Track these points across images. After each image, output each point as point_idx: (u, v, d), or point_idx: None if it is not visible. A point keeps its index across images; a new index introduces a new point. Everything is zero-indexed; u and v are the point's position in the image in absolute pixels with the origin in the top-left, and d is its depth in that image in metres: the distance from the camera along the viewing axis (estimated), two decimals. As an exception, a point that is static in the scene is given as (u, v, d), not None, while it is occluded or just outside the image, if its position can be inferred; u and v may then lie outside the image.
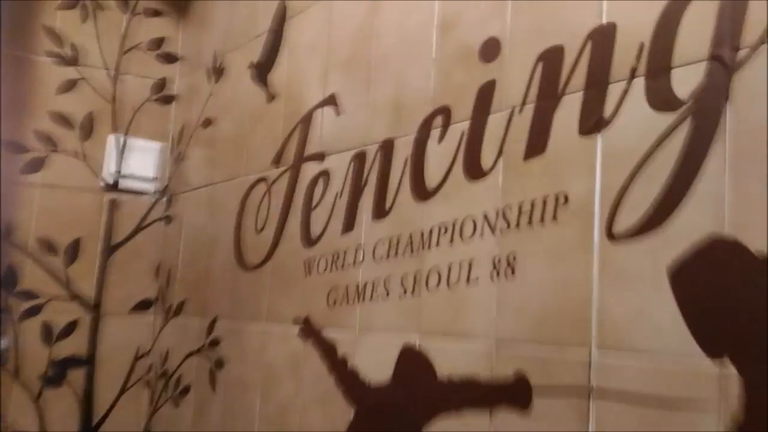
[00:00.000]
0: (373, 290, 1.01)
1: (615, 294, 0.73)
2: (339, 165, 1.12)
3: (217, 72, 1.54)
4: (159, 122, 1.74)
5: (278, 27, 1.33)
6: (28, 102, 1.60)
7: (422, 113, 0.98)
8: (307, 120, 1.21)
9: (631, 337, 0.70)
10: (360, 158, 1.08)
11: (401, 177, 1.00)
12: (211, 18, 1.63)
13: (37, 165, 1.60)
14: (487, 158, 0.88)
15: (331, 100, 1.16)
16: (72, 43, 1.65)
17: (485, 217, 0.87)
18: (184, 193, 1.62)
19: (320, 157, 1.17)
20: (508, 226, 0.84)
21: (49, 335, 1.58)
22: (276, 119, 1.30)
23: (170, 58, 1.76)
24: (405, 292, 0.96)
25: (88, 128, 1.65)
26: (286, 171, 1.24)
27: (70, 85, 1.64)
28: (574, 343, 0.75)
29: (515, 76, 0.86)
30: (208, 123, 1.55)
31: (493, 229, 0.86)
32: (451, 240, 0.91)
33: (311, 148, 1.20)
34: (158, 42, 1.75)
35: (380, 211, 1.02)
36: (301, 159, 1.21)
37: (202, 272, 1.49)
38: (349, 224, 1.08)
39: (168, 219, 1.69)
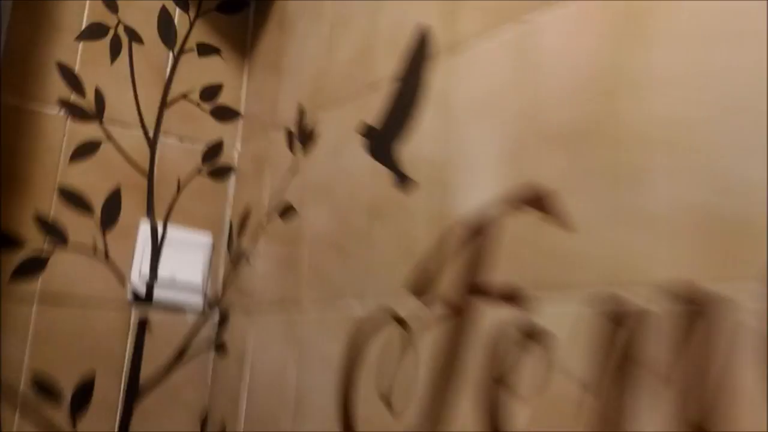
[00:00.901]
0: None
1: None
2: (565, 319, 0.61)
3: (304, 136, 1.04)
4: (211, 205, 1.24)
5: (415, 72, 0.84)
6: (27, 173, 1.12)
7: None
8: (482, 229, 0.71)
9: None
10: (619, 316, 0.57)
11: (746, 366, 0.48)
12: (292, 58, 1.14)
13: (35, 266, 1.10)
14: None
15: (536, 201, 0.65)
16: (96, 89, 1.17)
17: None
18: (249, 314, 1.11)
19: (517, 298, 0.65)
20: None
21: None
22: (413, 218, 0.80)
23: (229, 114, 1.28)
24: None
25: (112, 211, 1.16)
26: (443, 312, 0.73)
27: (90, 149, 1.16)
28: None
29: None
30: (288, 211, 1.05)
31: None
32: None
33: (493, 278, 0.68)
34: (214, 91, 1.27)
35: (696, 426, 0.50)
36: (474, 294, 0.70)
37: (276, 441, 0.97)
38: (607, 429, 0.56)
39: (220, 348, 1.17)
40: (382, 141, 0.86)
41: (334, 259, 0.93)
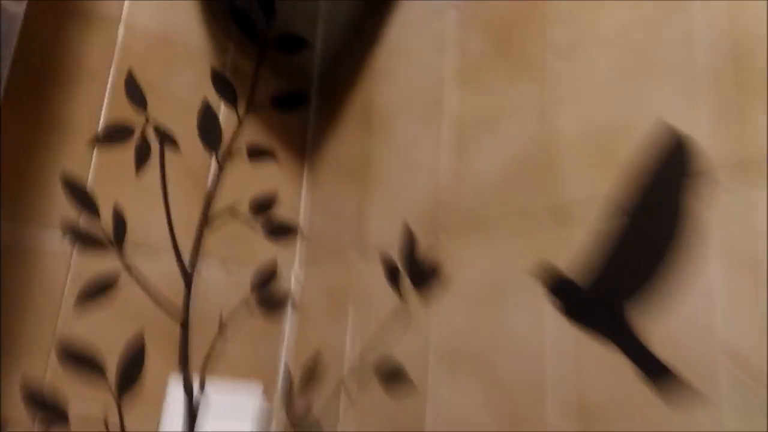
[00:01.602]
0: None
1: None
2: None
3: (421, 274, 0.74)
4: (264, 350, 0.93)
5: (666, 203, 0.55)
6: (13, 325, 0.80)
7: None
8: None
9: None
10: None
11: None
12: (387, 165, 0.86)
13: (25, 462, 0.77)
14: None
15: None
16: (115, 208, 0.87)
17: None
18: None
19: None
20: None
21: None
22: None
23: (287, 232, 0.98)
24: None
25: (132, 369, 0.84)
26: None
27: (103, 286, 0.85)
28: None
29: None
30: (396, 376, 0.73)
31: None
32: None
33: None
34: (267, 202, 0.98)
35: None
36: None
37: None
38: None
39: None
40: (600, 304, 0.57)
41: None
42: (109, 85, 0.90)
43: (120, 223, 0.87)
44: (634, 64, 0.58)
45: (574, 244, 0.59)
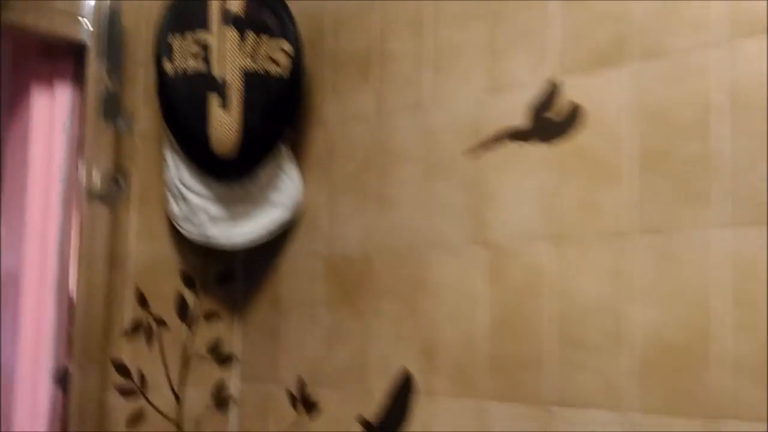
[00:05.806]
0: None
1: None
2: None
3: (307, 404, 1.51)
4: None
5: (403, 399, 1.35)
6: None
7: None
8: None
9: None
10: None
11: None
12: (288, 336, 1.59)
13: None
14: None
15: None
16: (139, 371, 1.57)
17: None
18: None
19: None
20: None
21: None
22: None
23: (225, 359, 1.71)
24: None
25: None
26: None
27: (137, 417, 1.55)
28: None
29: None
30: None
31: None
32: None
33: None
34: (214, 344, 1.69)
35: None
36: None
37: None
38: None
39: None
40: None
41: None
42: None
43: (142, 379, 1.57)
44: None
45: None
